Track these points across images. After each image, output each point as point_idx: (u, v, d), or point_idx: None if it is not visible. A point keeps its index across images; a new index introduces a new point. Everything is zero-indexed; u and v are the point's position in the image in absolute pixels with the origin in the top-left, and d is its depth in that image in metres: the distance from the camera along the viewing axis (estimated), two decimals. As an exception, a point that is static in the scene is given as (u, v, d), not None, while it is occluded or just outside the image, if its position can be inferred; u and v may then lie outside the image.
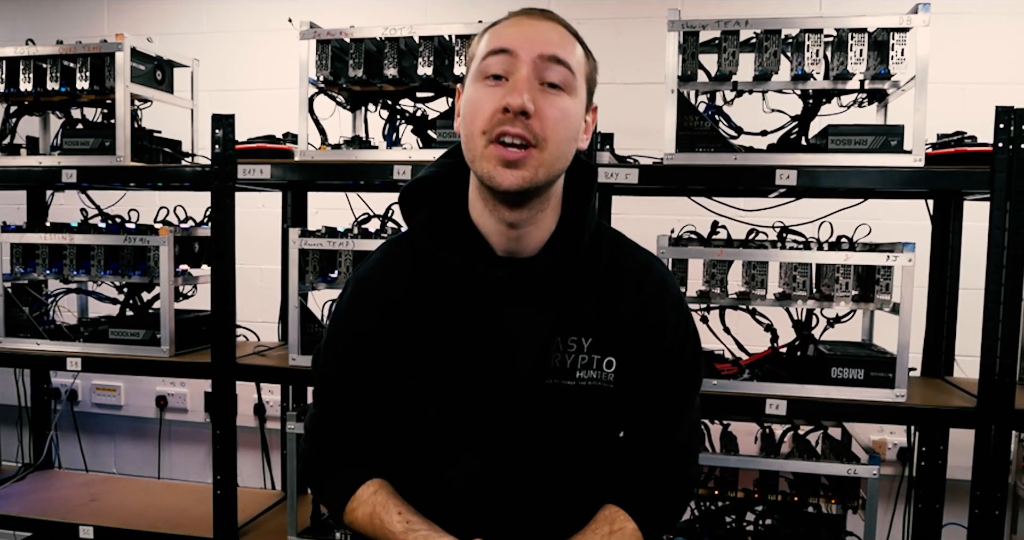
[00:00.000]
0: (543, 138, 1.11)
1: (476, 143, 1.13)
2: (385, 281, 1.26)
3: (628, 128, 2.60)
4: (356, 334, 1.27)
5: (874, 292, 2.01)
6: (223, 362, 2.23)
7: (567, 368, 1.21)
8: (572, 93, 1.15)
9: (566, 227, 1.23)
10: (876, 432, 2.94)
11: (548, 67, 1.12)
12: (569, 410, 1.21)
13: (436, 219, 1.23)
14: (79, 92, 2.38)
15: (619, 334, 1.23)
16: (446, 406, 1.21)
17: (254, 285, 3.07)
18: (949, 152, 2.05)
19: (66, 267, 2.38)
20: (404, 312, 1.23)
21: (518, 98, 1.08)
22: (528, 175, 1.11)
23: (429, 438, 1.24)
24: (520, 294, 1.19)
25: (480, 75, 1.14)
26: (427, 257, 1.23)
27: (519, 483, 1.22)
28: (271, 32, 3.41)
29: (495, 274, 1.18)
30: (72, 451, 3.26)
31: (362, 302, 1.27)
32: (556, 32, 1.16)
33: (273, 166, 2.21)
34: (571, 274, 1.21)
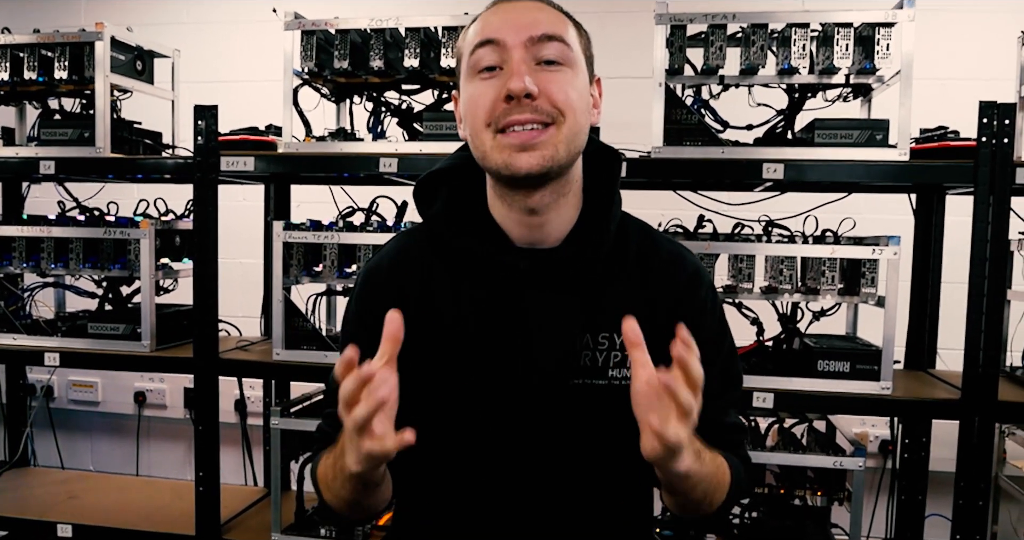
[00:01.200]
0: (559, 112, 1.05)
1: (484, 138, 1.07)
2: (397, 272, 1.20)
3: (612, 122, 2.57)
4: (366, 322, 1.18)
5: (859, 285, 2.02)
6: (206, 357, 2.20)
7: (599, 367, 1.13)
8: (572, 66, 1.09)
9: (590, 215, 1.16)
10: (858, 425, 2.96)
11: (541, 46, 1.06)
12: (601, 411, 1.12)
13: (453, 210, 1.17)
14: (57, 82, 2.33)
15: (654, 328, 1.08)
16: (464, 404, 1.14)
17: (234, 280, 3.01)
18: (933, 146, 2.07)
19: (44, 260, 2.33)
20: (418, 304, 1.15)
21: (519, 82, 1.03)
22: (548, 153, 1.05)
23: (445, 437, 1.16)
24: (543, 285, 1.12)
25: (473, 71, 1.10)
26: (443, 247, 1.16)
27: (544, 489, 1.15)
28: (253, 23, 3.37)
29: (516, 263, 1.12)
30: (48, 448, 3.20)
31: (372, 293, 1.21)
32: (541, 11, 1.11)
33: (257, 158, 2.18)
34: (597, 265, 1.14)
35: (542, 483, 1.15)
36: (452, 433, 1.15)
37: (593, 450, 1.15)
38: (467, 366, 1.13)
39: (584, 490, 1.17)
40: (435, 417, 1.14)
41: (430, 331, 1.15)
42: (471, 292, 1.14)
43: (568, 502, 1.16)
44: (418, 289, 1.17)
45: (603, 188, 1.18)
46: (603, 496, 1.19)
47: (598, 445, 1.15)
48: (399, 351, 1.09)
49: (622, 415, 1.12)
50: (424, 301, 1.16)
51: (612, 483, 1.19)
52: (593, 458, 1.15)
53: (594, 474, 1.17)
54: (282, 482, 2.20)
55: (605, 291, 1.15)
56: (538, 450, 1.14)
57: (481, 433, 1.14)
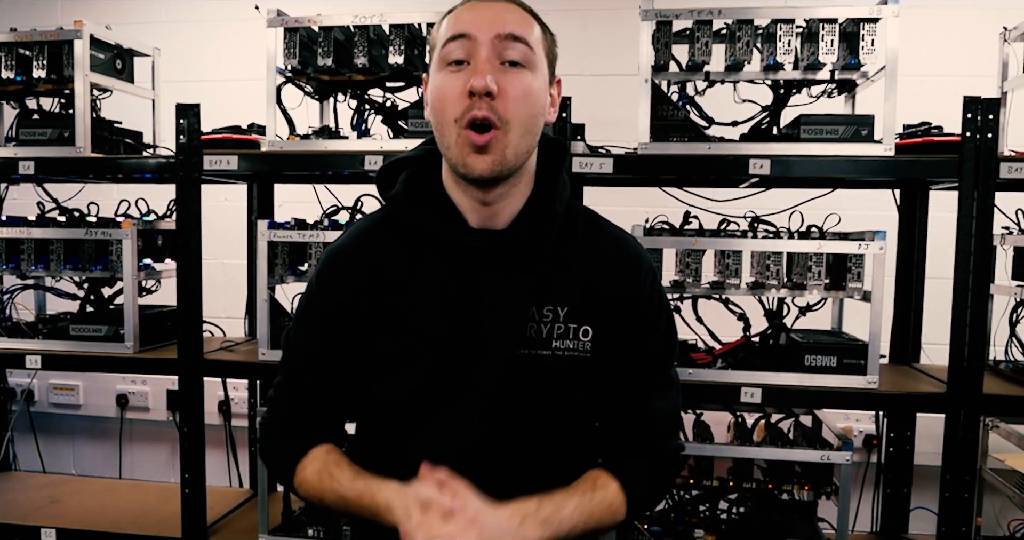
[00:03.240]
0: (506, 119, 1.13)
1: (450, 131, 1.15)
2: (357, 253, 1.27)
3: (598, 120, 2.59)
4: (325, 306, 1.27)
5: (845, 280, 2.03)
6: (190, 357, 2.17)
7: (543, 338, 1.22)
8: (533, 68, 1.17)
9: (538, 199, 1.24)
10: (843, 419, 2.98)
11: (507, 46, 1.14)
12: (545, 380, 1.22)
13: (412, 190, 1.25)
14: (36, 81, 2.30)
15: (596, 303, 1.24)
16: (421, 375, 1.21)
17: (217, 280, 2.99)
18: (918, 142, 2.08)
19: (24, 262, 2.30)
20: (376, 283, 1.24)
21: (481, 80, 1.11)
22: (497, 158, 1.13)
23: (401, 408, 1.24)
24: (495, 263, 1.20)
25: (442, 62, 1.17)
26: (401, 228, 1.24)
27: (496, 451, 1.22)
28: (234, 22, 3.34)
29: (469, 242, 1.20)
30: (30, 453, 3.16)
31: (332, 274, 1.27)
32: (511, 12, 1.18)
33: (241, 157, 2.16)
34: (545, 244, 1.22)
35: (495, 448, 1.22)
36: (410, 402, 1.23)
37: (540, 416, 1.24)
38: (424, 339, 1.21)
39: (534, 455, 1.24)
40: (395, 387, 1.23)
41: (388, 305, 1.23)
42: (428, 270, 1.22)
43: (519, 466, 1.23)
44: (376, 269, 1.25)
45: (551, 175, 1.27)
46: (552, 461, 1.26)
47: (545, 412, 1.24)
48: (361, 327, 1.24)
49: (565, 383, 1.24)
50: (382, 280, 1.24)
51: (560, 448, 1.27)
52: (541, 424, 1.24)
53: (543, 439, 1.25)
54: (268, 483, 2.17)
55: (553, 267, 1.24)
56: (491, 417, 1.21)
57: (437, 402, 1.21)
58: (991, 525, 2.42)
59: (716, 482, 2.13)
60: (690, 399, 2.13)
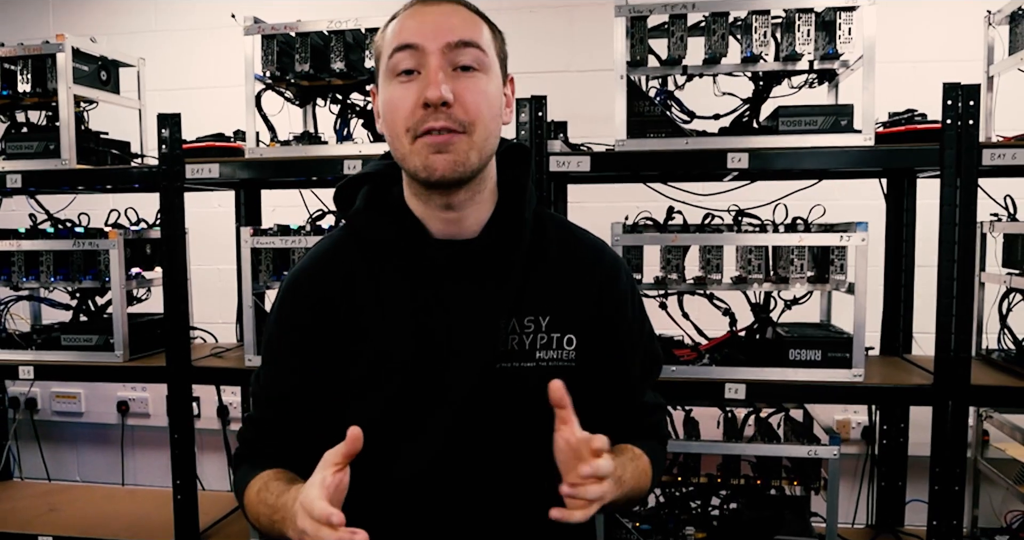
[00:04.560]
0: (469, 123, 1.10)
1: (403, 142, 1.11)
2: (318, 276, 1.22)
3: (585, 115, 2.59)
4: (288, 335, 1.23)
5: (829, 273, 2.01)
6: (178, 365, 2.20)
7: (525, 349, 1.18)
8: (487, 71, 1.13)
9: (506, 207, 1.21)
10: (840, 412, 2.96)
11: (458, 52, 1.10)
12: (531, 393, 1.15)
13: (373, 205, 1.22)
14: (22, 95, 2.33)
15: (579, 310, 1.21)
16: (394, 395, 1.16)
17: (212, 286, 3.02)
18: (900, 130, 2.05)
19: (15, 274, 2.33)
20: (340, 305, 1.19)
21: (436, 90, 1.07)
22: (459, 158, 1.10)
23: (378, 428, 1.16)
24: (464, 276, 1.17)
25: (391, 73, 1.12)
26: (363, 245, 1.21)
27: (478, 470, 1.18)
28: (220, 29, 3.35)
29: (435, 256, 1.16)
30: (34, 460, 3.20)
31: (294, 300, 1.23)
32: (458, 15, 1.14)
33: (222, 164, 2.18)
34: (515, 254, 1.18)
35: (481, 467, 1.18)
36: (384, 424, 1.17)
37: (528, 431, 1.17)
38: (393, 359, 1.16)
39: (523, 471, 1.19)
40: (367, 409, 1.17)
41: (356, 329, 1.18)
42: (393, 286, 1.18)
43: (508, 484, 1.20)
44: (340, 291, 1.20)
45: (517, 182, 1.23)
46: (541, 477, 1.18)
47: (532, 426, 1.16)
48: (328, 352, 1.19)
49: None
50: (346, 301, 1.19)
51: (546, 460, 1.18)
52: (528, 439, 1.17)
53: (531, 455, 1.18)
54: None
55: (528, 277, 1.20)
56: (474, 435, 1.17)
57: (411, 423, 1.17)
58: (989, 517, 2.38)
59: (705, 479, 2.12)
60: (675, 396, 2.11)
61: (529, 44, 3.09)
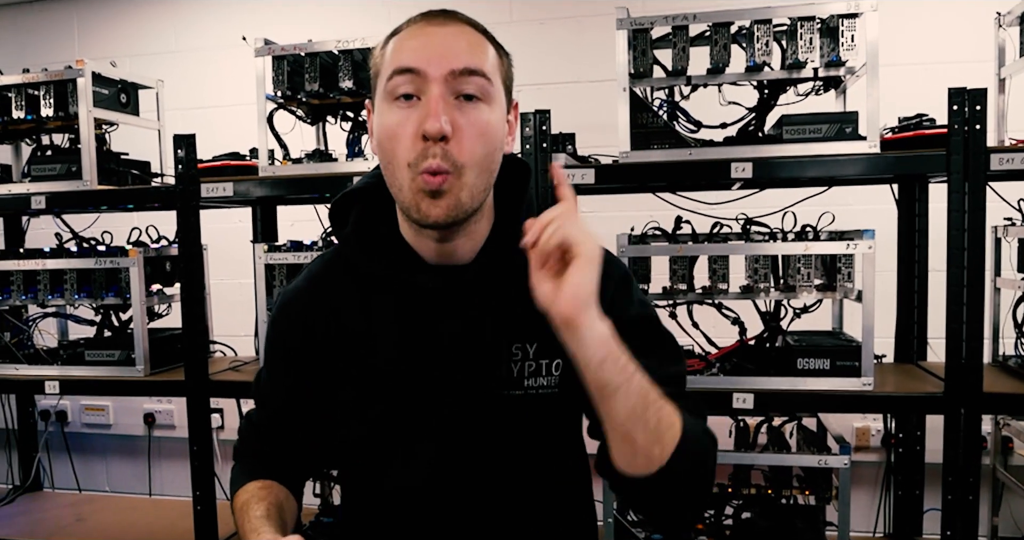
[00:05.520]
0: (460, 164, 1.04)
1: (402, 174, 1.05)
2: (311, 299, 1.22)
3: (594, 125, 2.60)
4: (282, 348, 1.24)
5: (837, 281, 2.01)
6: (196, 379, 2.25)
7: (514, 377, 1.14)
8: (490, 101, 1.07)
9: (500, 232, 1.16)
10: (859, 419, 2.92)
11: (462, 80, 1.04)
12: (519, 421, 1.14)
13: (363, 230, 1.18)
14: (45, 119, 2.40)
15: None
16: (383, 421, 1.16)
17: (234, 300, 3.08)
18: (906, 136, 2.05)
19: (41, 292, 2.40)
20: (332, 329, 1.18)
21: (435, 123, 1.01)
22: (452, 202, 1.04)
23: (367, 451, 1.20)
24: (454, 303, 1.14)
25: (389, 95, 1.06)
26: (356, 270, 1.18)
27: (467, 497, 1.17)
28: (239, 47, 3.41)
29: (425, 283, 1.12)
30: (65, 471, 3.29)
31: (287, 321, 1.23)
32: (464, 38, 1.07)
33: (236, 183, 2.23)
34: (506, 278, 1.13)
35: (469, 494, 1.17)
36: (372, 447, 1.18)
37: (520, 459, 1.16)
38: (382, 385, 1.15)
39: (510, 498, 1.18)
40: (356, 431, 1.17)
41: (347, 353, 1.17)
42: (384, 313, 1.16)
43: (496, 510, 1.18)
44: (331, 314, 1.19)
45: (514, 202, 1.19)
46: (540, 504, 1.20)
47: (523, 454, 1.16)
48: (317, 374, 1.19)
49: (538, 422, 1.17)
50: (338, 325, 1.18)
51: (545, 491, 1.20)
52: (522, 467, 1.17)
53: (526, 483, 1.18)
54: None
55: (516, 304, 1.14)
56: (461, 461, 1.15)
57: (398, 448, 1.16)
58: (1010, 526, 2.34)
59: (716, 488, 2.12)
60: (682, 406, 2.12)
61: (539, 56, 3.11)
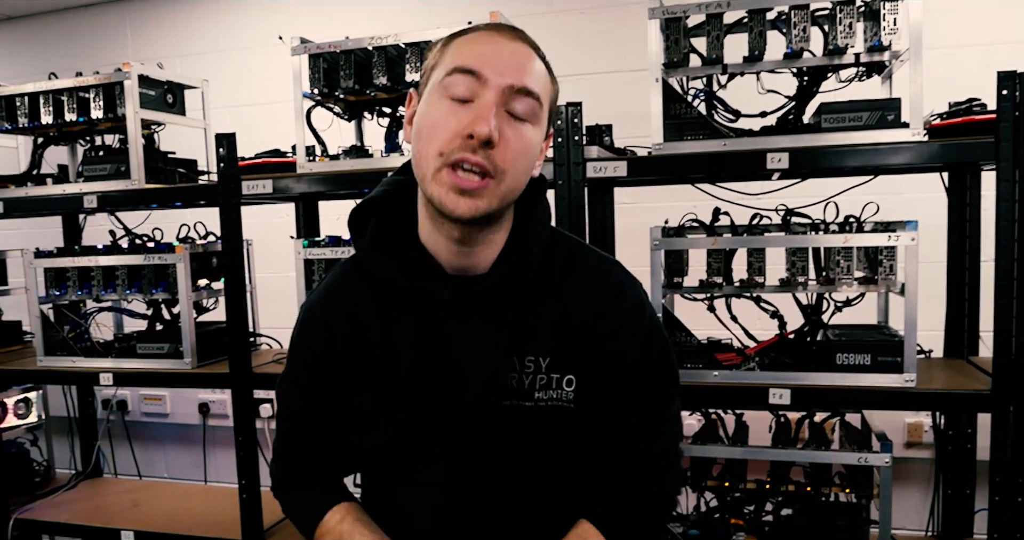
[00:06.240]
0: (503, 170, 1.06)
1: (430, 163, 1.07)
2: (331, 307, 1.24)
3: (634, 115, 2.55)
4: (307, 361, 1.27)
5: (877, 274, 1.94)
6: (240, 372, 2.31)
7: (524, 389, 1.16)
8: (536, 124, 1.11)
9: (515, 243, 1.19)
10: (911, 415, 2.83)
11: (516, 98, 1.07)
12: (528, 431, 1.17)
13: (382, 238, 1.19)
14: (96, 121, 2.49)
15: (577, 351, 1.18)
16: (399, 429, 1.18)
17: (281, 293, 3.12)
18: (954, 123, 1.96)
19: (95, 287, 2.50)
20: (353, 336, 1.21)
21: (485, 127, 1.03)
22: (483, 205, 1.07)
23: (384, 460, 1.23)
24: (470, 312, 1.15)
25: (442, 91, 1.08)
26: (375, 278, 1.20)
27: (476, 506, 1.20)
28: (281, 46, 3.50)
29: (441, 292, 1.14)
30: (127, 459, 3.43)
31: (310, 331, 1.26)
32: (526, 56, 1.10)
33: (275, 180, 2.27)
34: (521, 290, 1.17)
35: (477, 500, 1.19)
36: (389, 455, 1.21)
37: (523, 467, 1.19)
38: (400, 391, 1.18)
39: (519, 506, 1.21)
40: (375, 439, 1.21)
41: (367, 358, 1.20)
42: (401, 322, 1.18)
43: (502, 517, 1.20)
44: (351, 323, 1.22)
45: (529, 214, 1.21)
46: (535, 512, 1.22)
47: (527, 462, 1.19)
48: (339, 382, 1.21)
49: (547, 434, 1.18)
50: (357, 333, 1.21)
51: (543, 499, 1.22)
52: (524, 475, 1.19)
53: (526, 490, 1.20)
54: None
55: (530, 315, 1.18)
56: (474, 471, 1.18)
57: (415, 456, 1.19)
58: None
59: (753, 484, 2.08)
60: (716, 401, 2.10)
61: (581, 45, 3.08)
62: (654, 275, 2.03)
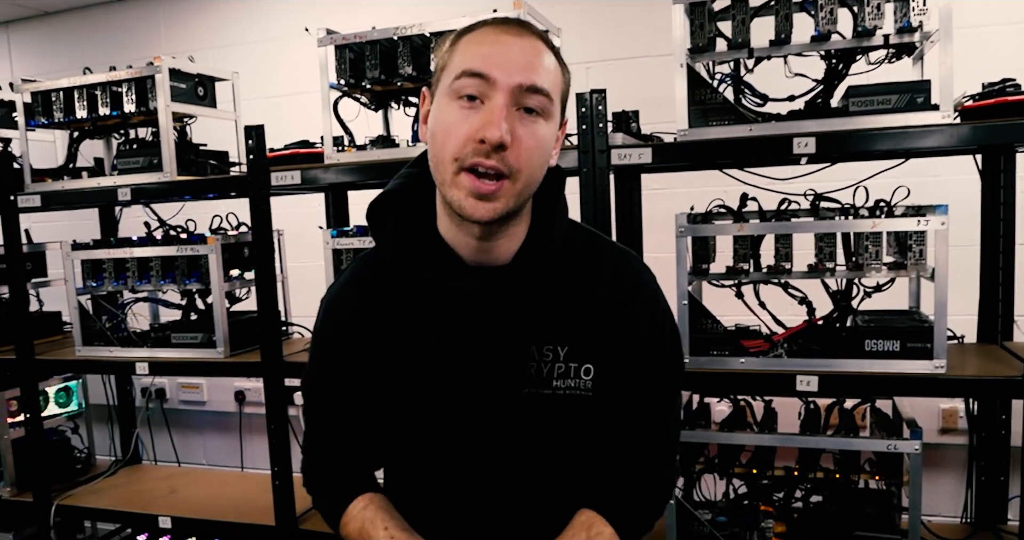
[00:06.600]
0: (517, 169, 1.08)
1: (446, 168, 1.09)
2: (354, 300, 1.26)
3: (664, 100, 2.54)
4: (330, 355, 1.28)
5: (907, 259, 1.92)
6: (272, 361, 2.35)
7: (543, 377, 1.18)
8: (548, 118, 1.11)
9: (536, 235, 1.20)
10: (946, 401, 2.79)
11: (526, 96, 1.08)
12: (547, 419, 1.19)
13: (402, 233, 1.20)
14: (128, 115, 2.54)
15: (595, 340, 1.20)
16: (423, 419, 1.21)
17: (313, 282, 3.15)
18: (987, 104, 1.91)
19: (130, 278, 2.55)
20: (376, 329, 1.23)
21: (496, 131, 1.04)
22: (500, 207, 1.09)
23: (410, 451, 1.25)
24: (491, 304, 1.17)
25: (453, 93, 1.09)
26: (393, 273, 1.21)
27: (501, 492, 1.21)
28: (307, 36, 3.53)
29: (463, 286, 1.16)
30: (166, 445, 3.50)
31: (333, 324, 1.28)
32: (535, 52, 1.10)
33: (303, 171, 2.30)
34: (542, 281, 1.18)
35: (499, 488, 1.21)
36: (415, 444, 1.23)
37: (542, 455, 1.21)
38: (423, 382, 1.20)
39: (539, 493, 1.23)
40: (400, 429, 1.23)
41: (390, 350, 1.22)
42: (423, 314, 1.20)
43: (525, 504, 1.22)
44: (375, 312, 1.23)
45: (548, 206, 1.22)
46: (557, 497, 1.24)
47: (546, 450, 1.20)
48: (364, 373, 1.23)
49: (566, 422, 1.20)
50: (381, 326, 1.22)
51: (564, 485, 1.24)
52: (543, 463, 1.21)
53: (547, 478, 1.22)
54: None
55: (550, 305, 1.20)
56: (500, 459, 1.20)
57: (441, 446, 1.21)
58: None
59: (782, 471, 2.07)
60: (742, 388, 2.09)
61: (611, 31, 3.05)
62: (680, 262, 2.02)
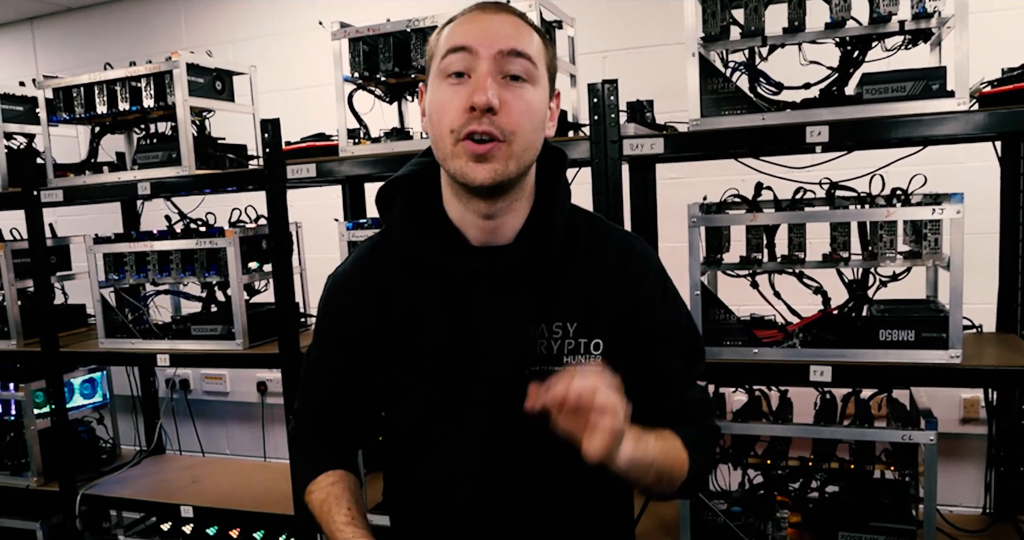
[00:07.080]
0: (510, 131, 1.11)
1: (445, 142, 1.13)
2: (360, 281, 1.29)
3: (679, 89, 2.53)
4: (331, 332, 1.32)
5: (922, 248, 1.90)
6: (289, 352, 2.38)
7: (554, 354, 1.21)
8: (535, 83, 1.16)
9: (539, 213, 1.23)
10: (968, 390, 2.76)
11: (509, 60, 1.12)
12: None
13: (410, 214, 1.24)
14: (148, 110, 2.57)
15: (604, 316, 1.23)
16: (429, 398, 1.23)
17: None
18: (1005, 90, 1.88)
19: (151, 271, 2.60)
20: (380, 309, 1.25)
21: (483, 96, 1.09)
22: (499, 168, 1.12)
23: (415, 430, 1.27)
24: (496, 283, 1.20)
25: (442, 74, 1.14)
26: (403, 252, 1.24)
27: (505, 471, 1.23)
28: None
29: (468, 265, 1.19)
30: (190, 436, 3.57)
31: (338, 304, 1.31)
32: (512, 24, 1.16)
33: (319, 164, 2.32)
34: (547, 259, 1.21)
35: (506, 467, 1.22)
36: (420, 425, 1.25)
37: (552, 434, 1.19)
38: (429, 360, 1.22)
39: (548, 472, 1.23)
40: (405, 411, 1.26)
41: (395, 333, 1.24)
42: (429, 293, 1.23)
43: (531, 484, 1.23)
44: (380, 295, 1.26)
45: (551, 186, 1.25)
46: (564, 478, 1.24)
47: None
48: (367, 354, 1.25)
49: None
50: (386, 306, 1.25)
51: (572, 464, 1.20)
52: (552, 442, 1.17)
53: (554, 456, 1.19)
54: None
55: (557, 283, 1.22)
56: (500, 435, 1.21)
57: (446, 425, 1.23)
58: None
59: (796, 462, 2.07)
60: (756, 378, 2.08)
61: (626, 19, 3.03)
62: (692, 252, 2.02)
